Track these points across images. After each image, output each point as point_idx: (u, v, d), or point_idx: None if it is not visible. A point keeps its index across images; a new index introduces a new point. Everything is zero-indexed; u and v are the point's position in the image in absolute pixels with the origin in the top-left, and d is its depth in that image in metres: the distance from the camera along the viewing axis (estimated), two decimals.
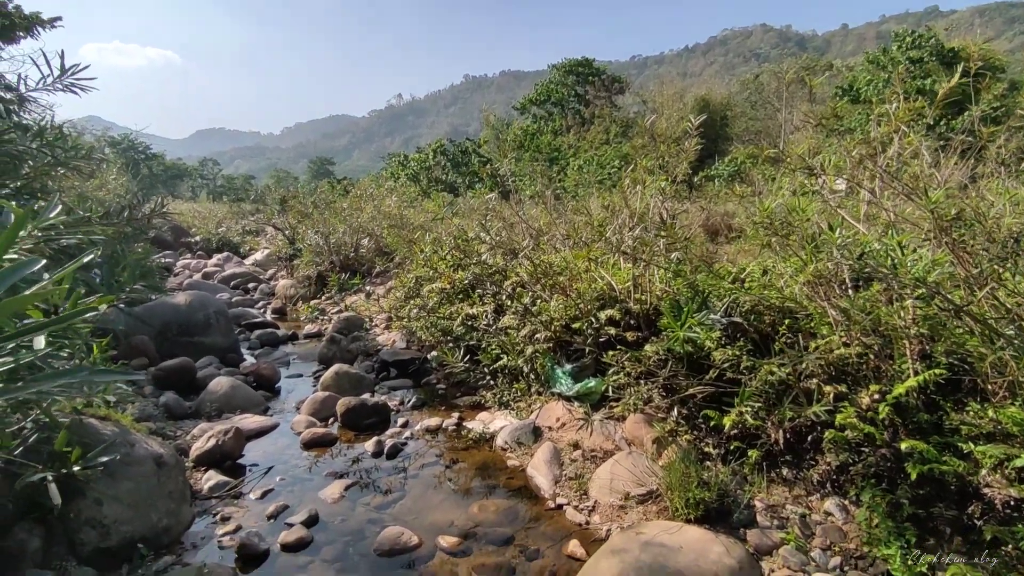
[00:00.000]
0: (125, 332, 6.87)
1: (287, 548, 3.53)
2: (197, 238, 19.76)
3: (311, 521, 3.80)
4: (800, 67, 24.84)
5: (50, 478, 1.86)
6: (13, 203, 1.71)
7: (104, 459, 2.06)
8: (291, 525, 3.71)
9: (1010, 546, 2.75)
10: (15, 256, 1.40)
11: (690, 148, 5.26)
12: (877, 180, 3.93)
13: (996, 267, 2.90)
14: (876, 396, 3.41)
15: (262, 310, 11.02)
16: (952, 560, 2.83)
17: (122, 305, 2.50)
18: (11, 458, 1.81)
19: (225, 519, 3.82)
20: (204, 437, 4.60)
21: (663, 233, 4.77)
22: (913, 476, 3.02)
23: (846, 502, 3.43)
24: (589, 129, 27.43)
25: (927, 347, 3.66)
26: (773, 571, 3.12)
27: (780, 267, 4.89)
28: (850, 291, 4.09)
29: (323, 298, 11.08)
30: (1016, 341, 2.73)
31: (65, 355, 2.92)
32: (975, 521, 2.90)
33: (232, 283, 13.35)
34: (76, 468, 1.94)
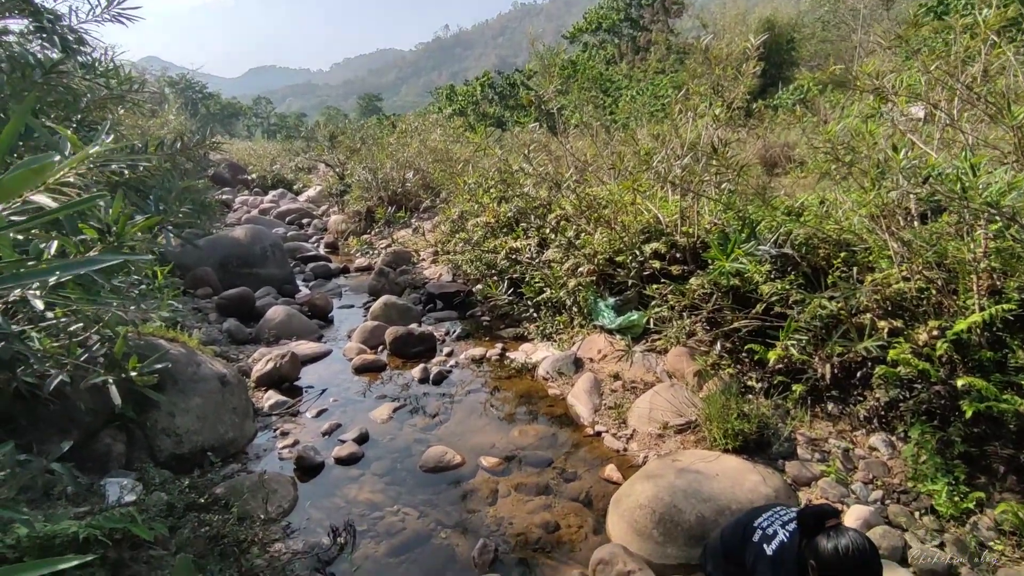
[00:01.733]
0: (187, 265, 7.28)
1: (340, 462, 3.79)
2: (253, 176, 20.34)
3: (362, 439, 4.04)
4: None
5: (111, 381, 2.04)
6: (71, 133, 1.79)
7: (158, 366, 2.23)
8: (344, 441, 3.97)
9: None
10: (72, 181, 1.47)
11: (748, 71, 4.91)
12: (956, 100, 3.57)
13: None
14: (935, 332, 3.24)
15: (315, 244, 11.38)
16: (1004, 498, 2.75)
17: (171, 227, 2.62)
18: (78, 363, 1.99)
19: (284, 434, 4.12)
20: (263, 360, 4.91)
21: (713, 162, 4.54)
22: (968, 414, 2.91)
23: (893, 438, 3.36)
24: (644, 58, 25.96)
25: (998, 282, 3.42)
26: (811, 501, 3.12)
27: (840, 198, 4.62)
28: (915, 223, 3.83)
29: (372, 233, 11.31)
30: None
31: (133, 280, 3.14)
32: None
33: (287, 219, 13.78)
34: (134, 374, 2.11)
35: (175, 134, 4.80)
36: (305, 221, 13.83)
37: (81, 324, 2.04)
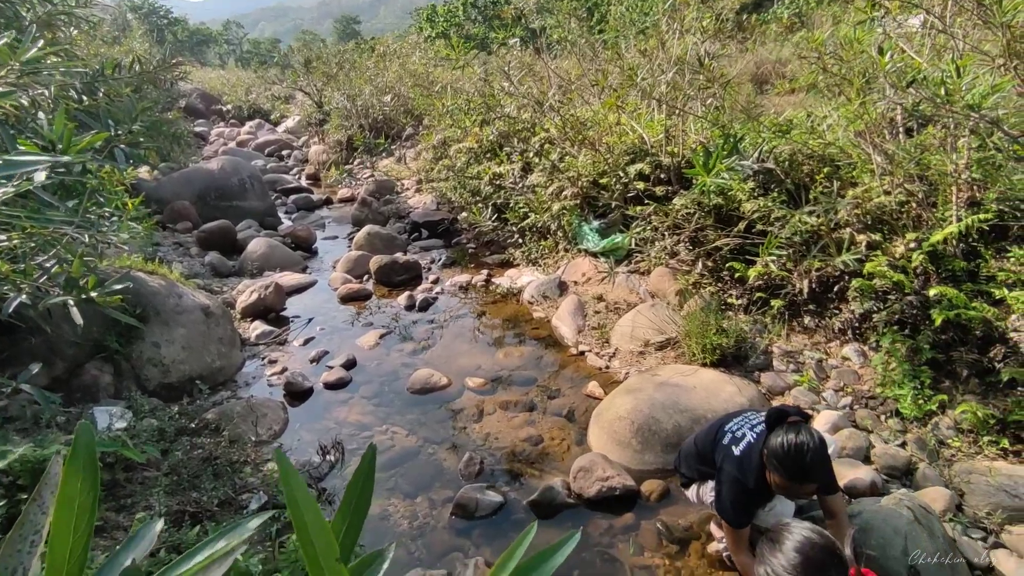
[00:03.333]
0: (165, 199, 7.11)
1: (329, 386, 3.87)
2: (228, 107, 19.51)
3: (349, 364, 4.11)
4: None
5: (71, 302, 2.02)
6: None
7: (118, 287, 2.21)
8: (331, 367, 4.03)
9: None
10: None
11: None
12: (949, 3, 3.42)
13: None
14: (912, 244, 3.27)
15: (296, 176, 11.11)
16: (965, 399, 2.87)
17: (124, 147, 2.51)
18: (37, 285, 1.97)
19: (272, 362, 4.18)
20: (247, 291, 4.90)
21: (700, 76, 4.39)
22: (938, 322, 2.98)
23: (865, 348, 3.46)
24: None
25: (977, 194, 3.43)
26: None
27: (826, 111, 4.52)
28: (900, 136, 3.78)
29: (354, 163, 11.03)
30: None
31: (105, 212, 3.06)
32: (995, 364, 2.89)
33: (266, 151, 13.36)
34: (94, 294, 2.09)
35: (136, 58, 4.54)
36: (285, 153, 13.42)
37: (34, 244, 1.99)
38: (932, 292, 3.04)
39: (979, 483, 2.47)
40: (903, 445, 2.81)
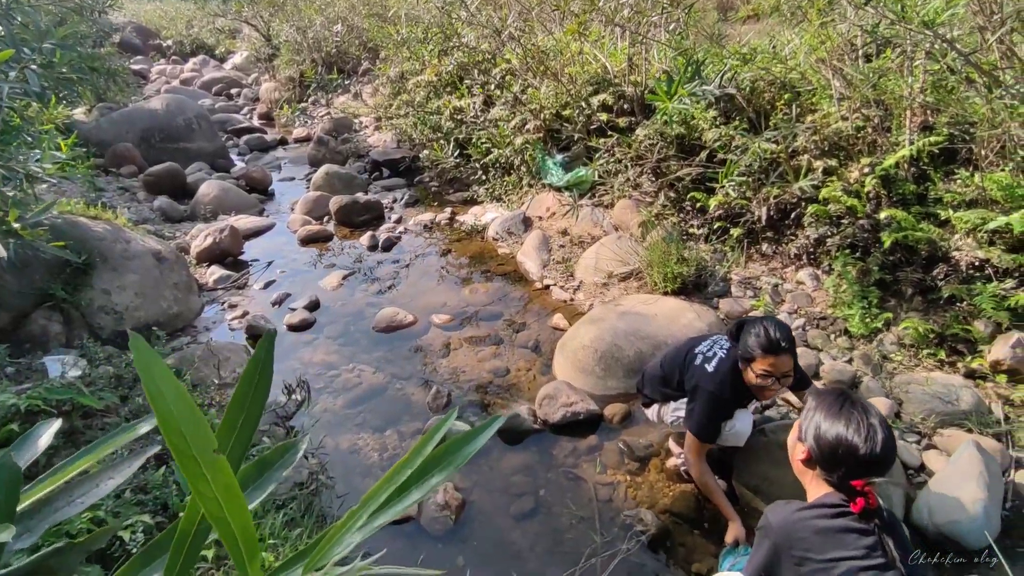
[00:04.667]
0: (106, 142, 6.68)
1: (292, 328, 3.82)
2: (169, 42, 18.17)
3: (313, 306, 4.06)
4: None
5: None
6: None
7: (44, 217, 2.10)
8: (294, 310, 3.97)
9: (965, 302, 2.90)
10: None
11: None
12: None
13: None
14: (866, 169, 3.32)
15: (248, 116, 10.55)
16: (908, 316, 3.02)
17: (35, 68, 2.31)
18: None
19: (232, 306, 4.09)
20: (201, 236, 4.72)
21: None
22: (887, 244, 3.09)
23: (819, 272, 3.57)
24: None
25: (930, 117, 3.47)
26: None
27: (789, 36, 4.46)
28: (860, 62, 3.77)
29: (309, 101, 10.50)
30: (1014, 89, 2.55)
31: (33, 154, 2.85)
32: (937, 283, 3.02)
33: (213, 89, 12.58)
34: (16, 226, 1.98)
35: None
36: (234, 91, 12.67)
37: None
38: (883, 215, 3.13)
39: (916, 392, 2.64)
40: (850, 361, 2.96)
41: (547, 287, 4.18)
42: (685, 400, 2.32)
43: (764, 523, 1.45)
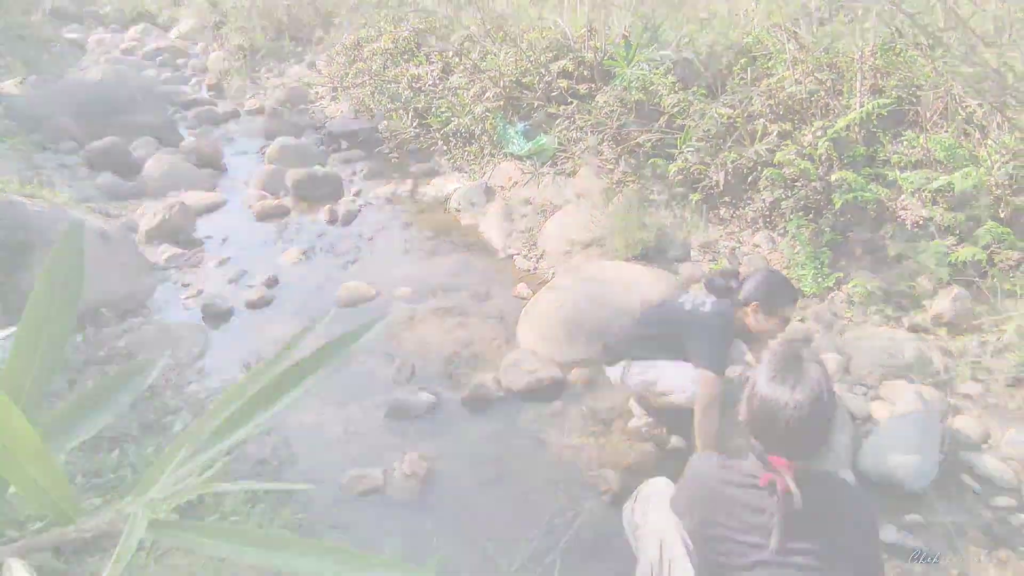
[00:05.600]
0: (41, 116, 6.30)
1: (251, 305, 3.72)
2: (107, 8, 17.12)
3: (271, 282, 3.95)
4: None
5: None
6: None
7: None
8: (252, 287, 3.87)
9: (910, 260, 3.02)
10: None
11: None
12: None
13: None
14: (819, 132, 3.39)
15: (196, 87, 10.06)
16: (858, 275, 3.12)
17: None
18: None
19: (186, 285, 3.96)
20: (150, 214, 4.53)
21: None
22: (838, 205, 3.17)
23: (775, 235, 3.65)
24: None
25: (880, 81, 3.55)
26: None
27: (747, 1, 4.47)
28: (815, 27, 3.82)
29: (261, 71, 10.08)
30: (954, 48, 2.62)
31: None
32: (886, 242, 3.13)
33: (157, 59, 11.91)
34: None
35: None
36: (180, 61, 12.02)
37: None
38: (834, 177, 3.20)
39: (864, 347, 2.75)
40: (803, 320, 3.06)
41: (511, 257, 4.18)
42: (652, 362, 2.38)
43: (687, 468, 1.50)
